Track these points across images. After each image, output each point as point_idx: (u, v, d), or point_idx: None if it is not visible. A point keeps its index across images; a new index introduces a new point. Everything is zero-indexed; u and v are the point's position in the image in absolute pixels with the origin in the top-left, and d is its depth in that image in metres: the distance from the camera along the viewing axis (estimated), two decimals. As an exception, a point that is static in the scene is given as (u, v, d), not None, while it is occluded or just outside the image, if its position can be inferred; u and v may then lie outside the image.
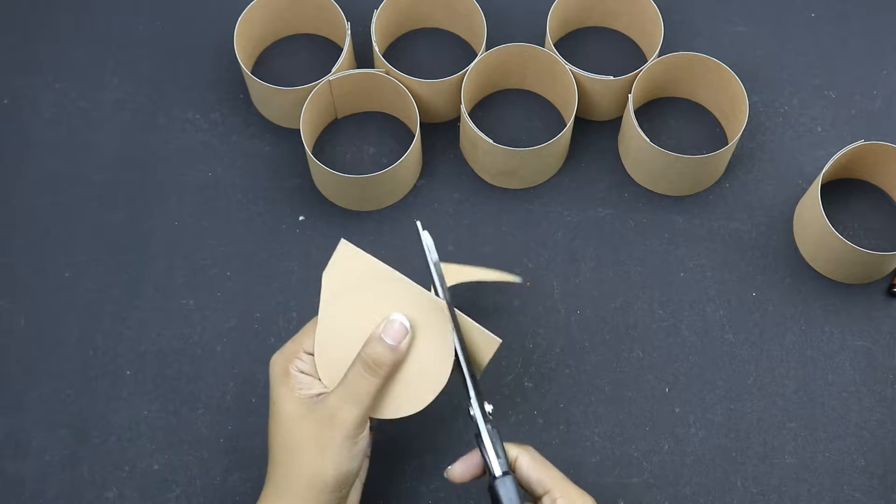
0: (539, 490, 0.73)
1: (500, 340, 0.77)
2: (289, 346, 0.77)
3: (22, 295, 0.92)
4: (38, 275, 0.93)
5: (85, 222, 0.95)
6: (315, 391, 0.75)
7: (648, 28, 0.97)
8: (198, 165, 0.97)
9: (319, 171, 0.92)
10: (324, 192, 0.95)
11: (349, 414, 0.73)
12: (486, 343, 0.77)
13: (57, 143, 0.98)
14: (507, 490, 0.71)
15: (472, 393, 0.74)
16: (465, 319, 0.76)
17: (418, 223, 0.78)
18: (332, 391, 0.74)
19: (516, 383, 0.90)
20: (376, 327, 0.74)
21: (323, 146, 0.97)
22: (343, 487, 0.74)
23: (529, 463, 0.73)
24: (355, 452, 0.74)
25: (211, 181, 0.96)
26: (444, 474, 0.75)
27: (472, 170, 0.97)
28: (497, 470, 0.72)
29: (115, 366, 0.90)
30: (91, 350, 0.91)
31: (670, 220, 0.95)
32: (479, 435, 0.73)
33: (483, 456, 0.73)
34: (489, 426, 0.73)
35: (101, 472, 0.87)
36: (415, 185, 0.96)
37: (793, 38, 1.02)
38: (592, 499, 0.73)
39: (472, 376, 0.75)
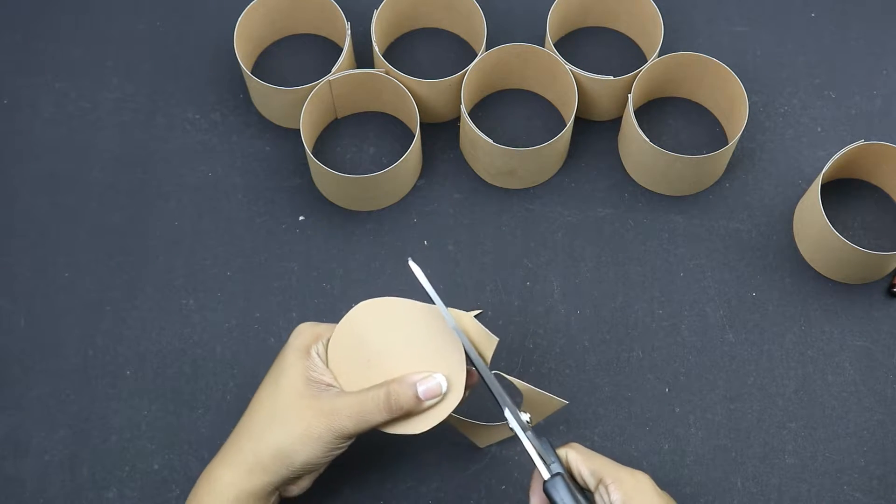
0: (593, 481, 0.73)
1: (567, 402, 0.79)
2: (322, 327, 0.79)
3: (22, 295, 0.92)
4: (38, 275, 0.93)
5: (85, 222, 0.95)
6: (326, 380, 0.77)
7: (648, 28, 0.97)
8: (198, 165, 0.97)
9: (319, 171, 0.92)
10: (324, 192, 0.95)
11: (348, 427, 0.75)
12: (550, 403, 0.80)
13: (57, 143, 0.98)
14: (557, 491, 0.71)
15: (504, 409, 0.75)
16: (526, 386, 0.78)
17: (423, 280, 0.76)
18: (342, 396, 0.75)
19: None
20: (416, 373, 0.76)
21: (323, 146, 0.97)
22: (302, 473, 0.76)
23: (577, 457, 0.74)
24: (335, 453, 0.76)
25: (211, 181, 0.96)
26: None
27: (472, 170, 0.97)
28: (545, 473, 0.72)
29: (115, 366, 0.90)
30: (91, 350, 0.91)
31: (670, 220, 0.95)
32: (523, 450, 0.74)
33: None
34: (530, 433, 0.74)
35: (101, 472, 0.87)
36: (415, 185, 0.96)
37: (793, 38, 1.02)
38: (645, 475, 0.73)
39: (500, 392, 0.75)
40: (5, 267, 0.93)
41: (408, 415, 0.76)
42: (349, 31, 0.94)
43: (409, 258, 0.76)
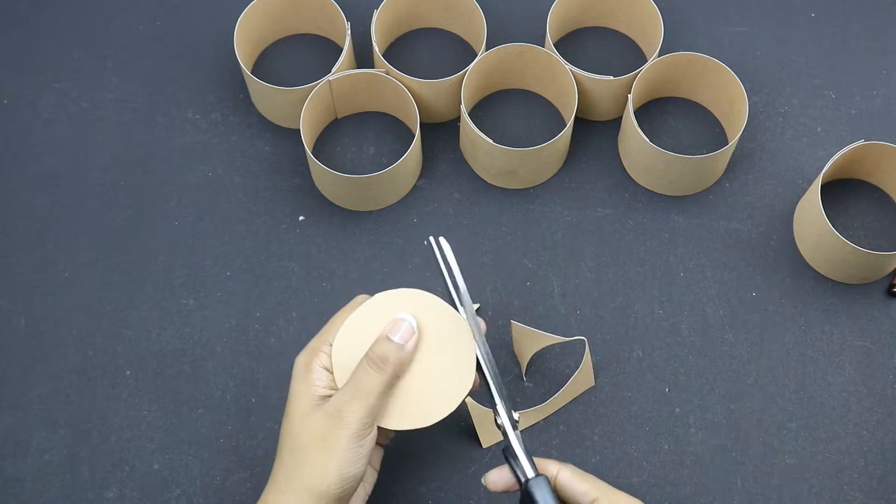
0: (585, 501, 0.72)
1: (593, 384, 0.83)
2: (313, 342, 0.76)
3: (22, 295, 0.92)
4: (38, 275, 0.93)
5: (85, 222, 0.95)
6: (328, 391, 0.75)
7: (648, 28, 0.97)
8: (198, 165, 0.97)
9: (319, 171, 0.92)
10: (324, 192, 0.95)
11: (355, 411, 0.72)
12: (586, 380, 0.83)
13: (57, 143, 0.98)
14: (541, 490, 0.71)
15: (498, 403, 0.74)
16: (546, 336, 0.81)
17: (433, 241, 0.76)
18: (338, 391, 0.74)
19: (516, 383, 0.90)
20: (385, 327, 0.74)
21: (323, 146, 0.97)
22: (345, 493, 0.73)
23: (572, 476, 0.73)
24: (360, 455, 0.73)
25: (211, 181, 0.96)
26: (482, 481, 0.75)
27: (472, 170, 0.97)
28: (530, 472, 0.72)
29: (115, 366, 0.90)
30: (91, 350, 0.91)
31: (670, 220, 0.95)
32: (507, 447, 0.74)
33: (511, 466, 0.73)
34: (518, 433, 0.74)
35: (101, 472, 0.87)
36: (415, 185, 0.96)
37: (793, 38, 1.02)
38: (640, 502, 0.73)
39: (498, 386, 0.75)
40: (5, 267, 0.93)
41: (403, 370, 0.74)
42: (349, 31, 0.94)
43: (433, 237, 0.74)
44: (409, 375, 0.74)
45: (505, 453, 0.74)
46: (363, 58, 0.99)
